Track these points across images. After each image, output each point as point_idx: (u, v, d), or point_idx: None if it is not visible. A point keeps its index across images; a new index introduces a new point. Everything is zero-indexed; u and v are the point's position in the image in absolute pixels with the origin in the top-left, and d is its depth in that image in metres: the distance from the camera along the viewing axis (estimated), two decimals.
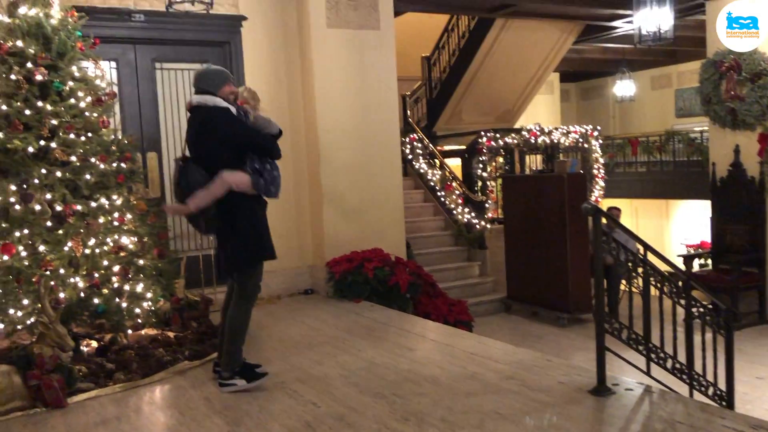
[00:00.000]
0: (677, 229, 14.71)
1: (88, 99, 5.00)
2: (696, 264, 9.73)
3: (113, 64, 6.66)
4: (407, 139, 10.69)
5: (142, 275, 5.05)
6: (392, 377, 4.25)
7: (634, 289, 4.68)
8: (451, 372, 4.32)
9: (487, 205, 10.06)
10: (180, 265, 5.94)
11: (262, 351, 5.07)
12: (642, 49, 12.59)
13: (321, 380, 4.25)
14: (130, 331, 5.04)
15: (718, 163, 8.76)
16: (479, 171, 10.30)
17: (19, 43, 4.74)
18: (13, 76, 4.68)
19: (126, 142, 5.28)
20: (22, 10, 4.82)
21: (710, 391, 4.88)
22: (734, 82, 8.30)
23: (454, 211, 10.00)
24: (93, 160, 4.89)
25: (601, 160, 11.73)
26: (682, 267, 8.78)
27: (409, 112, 11.82)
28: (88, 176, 4.84)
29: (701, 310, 4.92)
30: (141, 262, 5.07)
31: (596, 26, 11.36)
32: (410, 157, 10.70)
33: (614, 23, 10.78)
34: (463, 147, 11.01)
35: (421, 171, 10.63)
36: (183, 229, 6.95)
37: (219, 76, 4.08)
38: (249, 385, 4.09)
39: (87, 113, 4.97)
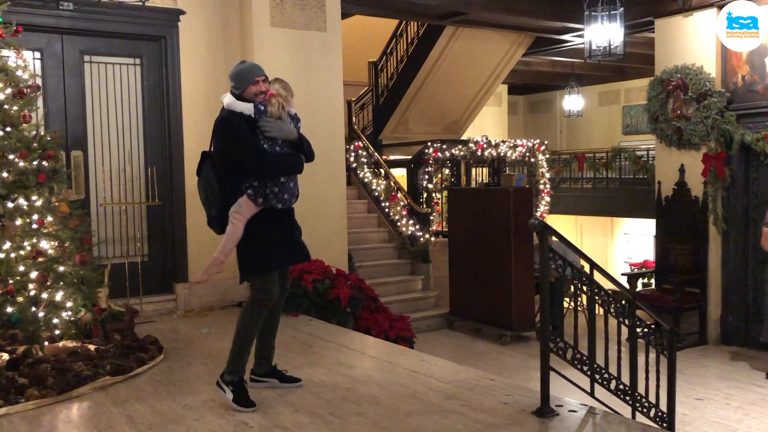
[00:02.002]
0: (621, 247, 15.12)
1: (8, 91, 4.81)
2: (639, 283, 10.00)
3: (37, 54, 6.44)
4: (352, 147, 10.68)
5: (62, 283, 4.85)
6: (330, 396, 4.20)
7: (578, 308, 4.77)
8: (392, 391, 4.30)
9: (431, 218, 10.13)
10: (104, 273, 5.76)
11: (191, 367, 4.95)
12: (591, 64, 12.90)
13: (254, 398, 4.15)
14: (46, 343, 4.83)
15: (663, 181, 9.05)
16: (425, 182, 10.37)
17: None
18: None
19: (49, 138, 5.08)
20: None
21: (652, 412, 5.01)
22: (681, 101, 8.61)
23: (399, 223, 10.03)
24: (11, 156, 4.69)
25: (547, 175, 11.97)
26: (627, 286, 9.01)
27: (354, 118, 11.83)
28: (5, 174, 4.65)
29: (645, 330, 5.05)
30: (61, 268, 4.88)
31: (546, 39, 11.61)
32: (354, 165, 10.68)
33: (565, 36, 11.05)
34: (409, 157, 11.06)
35: (366, 180, 10.63)
36: (108, 234, 6.76)
37: (243, 75, 3.98)
38: (232, 405, 3.94)
39: (6, 106, 4.78)
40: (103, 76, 6.83)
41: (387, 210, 10.28)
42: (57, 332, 4.81)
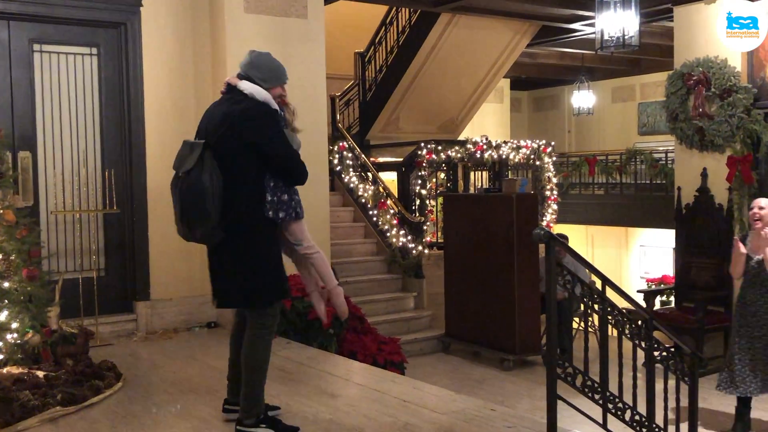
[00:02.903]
0: (637, 260, 15.19)
1: None
2: (657, 301, 10.05)
3: None
4: (336, 148, 10.68)
5: (6, 301, 4.84)
6: (310, 428, 4.19)
7: (589, 329, 4.78)
8: (380, 423, 4.29)
9: (425, 228, 10.14)
10: (54, 290, 5.73)
11: (153, 396, 4.92)
12: (603, 56, 13.07)
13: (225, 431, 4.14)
14: None
15: (683, 187, 9.10)
16: (417, 188, 10.38)
17: None
18: None
19: None
20: None
21: None
22: (703, 97, 8.67)
23: (388, 233, 10.03)
24: None
25: (555, 180, 12.02)
26: (643, 304, 9.05)
27: (338, 116, 11.82)
28: None
29: (664, 353, 5.06)
30: (6, 284, 4.86)
31: (553, 27, 11.69)
32: (339, 168, 10.68)
33: (574, 25, 11.13)
34: (400, 159, 11.08)
35: (351, 186, 10.63)
36: (59, 246, 6.71)
37: (277, 73, 4.08)
38: None
39: None
40: (55, 67, 6.80)
41: (375, 219, 10.28)
42: (0, 357, 4.77)
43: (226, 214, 3.80)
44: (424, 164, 10.37)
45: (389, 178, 11.12)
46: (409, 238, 9.94)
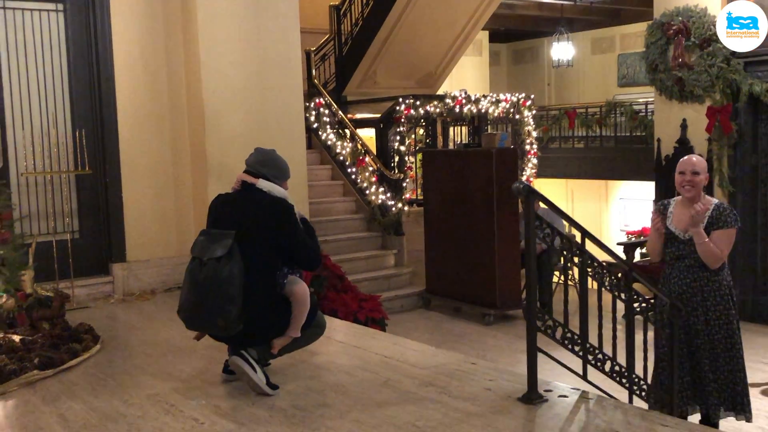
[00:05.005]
0: (617, 213, 15.32)
1: None
2: (637, 253, 10.16)
3: None
4: (312, 104, 10.60)
5: None
6: (291, 386, 4.22)
7: (569, 282, 4.83)
8: (361, 379, 4.34)
9: (404, 184, 10.14)
10: (28, 253, 5.70)
11: (132, 358, 4.94)
12: (582, 6, 13.01)
13: (204, 392, 4.17)
14: None
15: (663, 139, 9.15)
16: (396, 144, 10.35)
17: None
18: None
19: None
20: None
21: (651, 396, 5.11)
22: (682, 47, 8.68)
23: (367, 191, 10.03)
24: None
25: (534, 134, 12.03)
26: (623, 256, 9.15)
27: (314, 71, 11.72)
28: None
29: (643, 305, 5.13)
30: None
31: None
32: (315, 125, 10.62)
33: None
34: (378, 115, 11.02)
35: (329, 143, 10.58)
36: (32, 209, 6.65)
37: (285, 170, 4.37)
38: (264, 388, 4.04)
39: None
40: (20, 24, 6.68)
41: (354, 176, 10.26)
42: None
43: (245, 301, 3.94)
44: (402, 120, 10.32)
45: (367, 134, 11.07)
46: (389, 195, 9.95)
